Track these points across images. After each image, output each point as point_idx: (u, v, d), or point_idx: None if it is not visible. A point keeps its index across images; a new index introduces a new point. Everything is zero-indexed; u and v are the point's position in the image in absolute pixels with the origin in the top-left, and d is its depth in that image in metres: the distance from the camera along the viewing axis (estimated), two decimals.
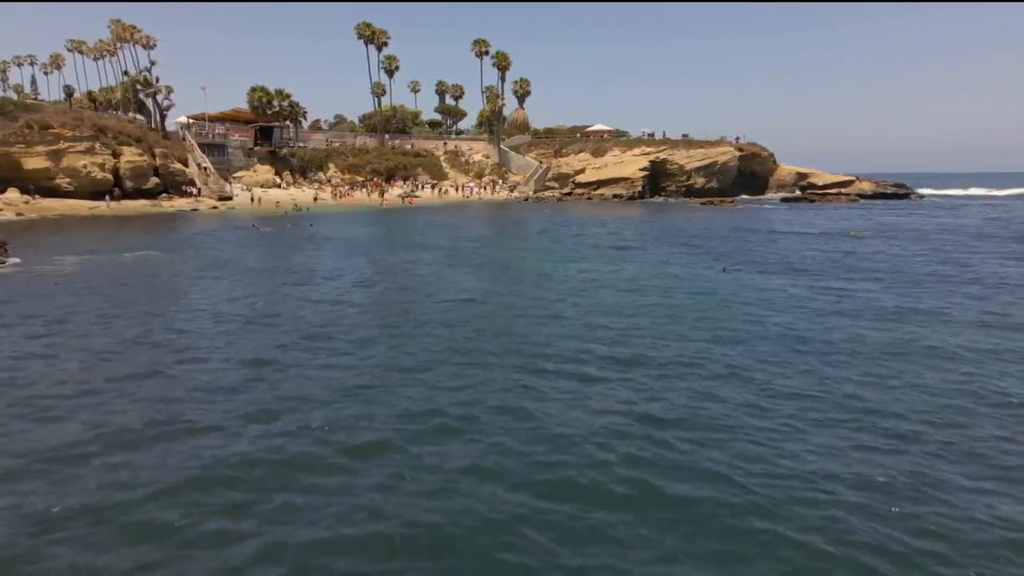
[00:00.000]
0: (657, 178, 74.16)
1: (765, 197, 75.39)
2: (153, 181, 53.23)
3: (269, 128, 67.00)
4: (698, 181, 74.05)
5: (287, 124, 69.75)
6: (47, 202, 46.29)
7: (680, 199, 71.47)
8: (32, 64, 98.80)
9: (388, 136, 79.34)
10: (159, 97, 65.08)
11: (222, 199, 55.31)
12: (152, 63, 65.76)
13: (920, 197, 77.81)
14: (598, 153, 77.44)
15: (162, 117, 64.90)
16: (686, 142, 77.94)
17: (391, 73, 79.90)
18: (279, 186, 62.82)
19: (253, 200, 55.74)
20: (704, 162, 74.84)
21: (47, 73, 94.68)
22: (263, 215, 46.79)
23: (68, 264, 23.10)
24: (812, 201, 69.65)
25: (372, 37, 76.45)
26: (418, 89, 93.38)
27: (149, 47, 65.09)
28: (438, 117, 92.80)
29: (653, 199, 71.57)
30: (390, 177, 71.24)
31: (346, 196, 64.20)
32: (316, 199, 59.92)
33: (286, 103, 68.05)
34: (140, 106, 69.88)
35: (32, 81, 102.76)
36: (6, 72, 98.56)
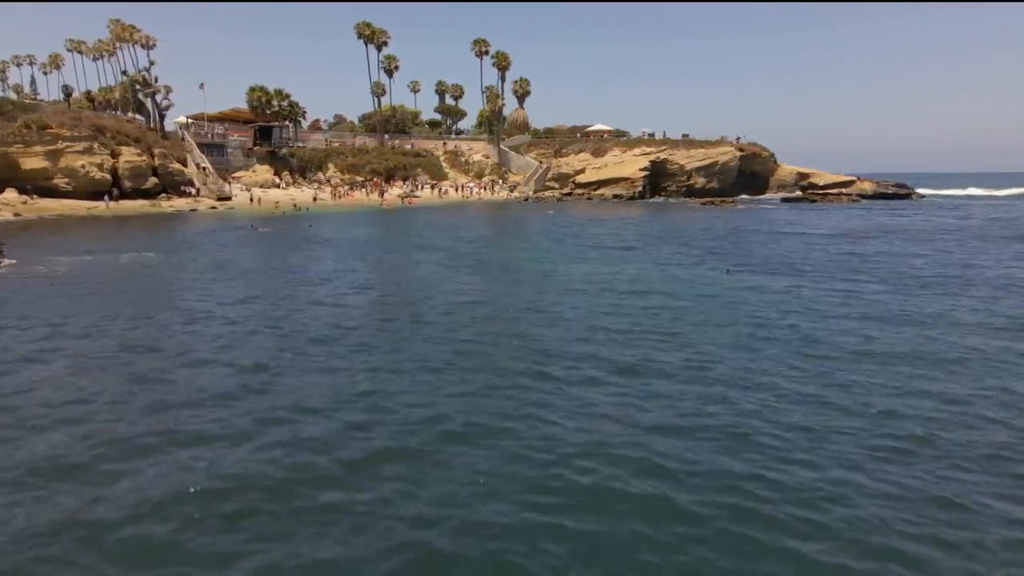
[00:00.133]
0: (657, 178, 73.94)
1: (766, 197, 75.17)
2: (152, 181, 52.98)
3: (268, 128, 66.73)
4: (699, 181, 73.82)
5: (286, 124, 69.46)
6: (45, 202, 46.00)
7: (680, 199, 71.25)
8: (32, 64, 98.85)
9: (388, 136, 79.12)
10: (158, 97, 64.89)
11: (221, 199, 55.00)
12: (151, 63, 65.66)
13: (921, 197, 77.70)
14: (598, 153, 77.20)
15: (161, 117, 64.65)
16: (686, 142, 77.71)
17: (391, 73, 79.72)
18: (278, 186, 62.54)
19: (252, 200, 55.44)
20: (705, 162, 74.62)
21: (46, 73, 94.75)
22: (262, 215, 46.52)
23: (63, 265, 22.82)
24: (813, 201, 69.45)
25: (372, 37, 76.26)
26: (418, 89, 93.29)
27: (148, 47, 64.91)
28: (438, 117, 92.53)
29: (653, 199, 71.33)
30: (390, 177, 71.00)
31: (345, 196, 63.94)
32: (315, 199, 59.63)
33: (285, 103, 67.74)
34: (139, 106, 69.59)
35: (32, 81, 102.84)
36: (5, 72, 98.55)
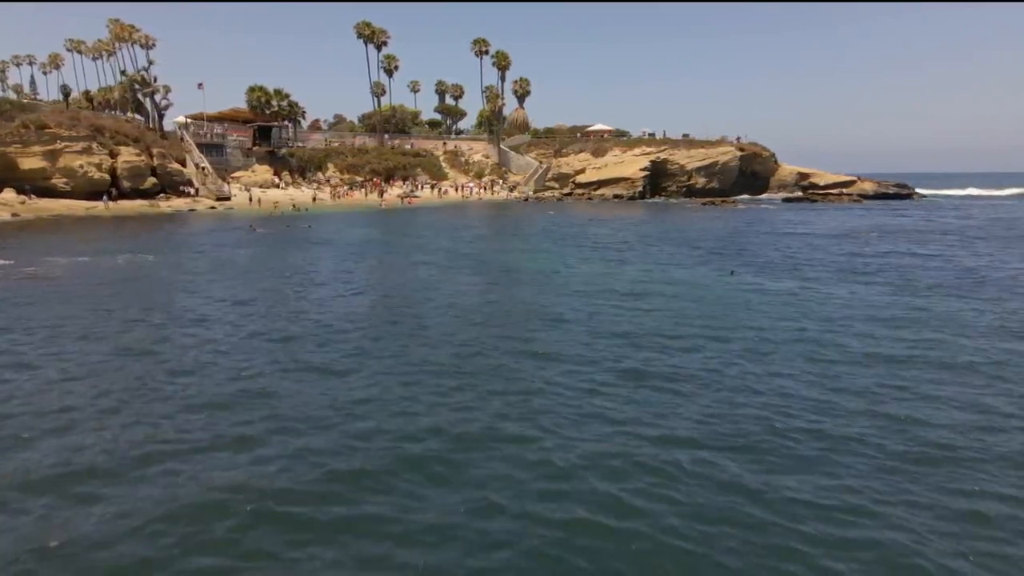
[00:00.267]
0: (658, 178, 73.76)
1: (766, 197, 74.99)
2: (150, 181, 52.73)
3: (268, 128, 66.50)
4: (699, 181, 73.63)
5: (286, 124, 69.27)
6: (43, 202, 45.73)
7: (681, 199, 71.07)
8: (31, 64, 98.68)
9: (387, 136, 78.92)
10: (157, 97, 64.65)
11: (220, 199, 54.77)
12: (150, 63, 65.46)
13: (921, 197, 77.56)
14: (598, 153, 77.00)
15: (160, 117, 64.44)
16: (687, 142, 77.50)
17: (391, 73, 79.55)
18: (278, 186, 62.30)
19: (251, 200, 55.21)
20: (705, 162, 74.43)
21: (46, 73, 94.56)
22: (261, 216, 46.29)
23: (59, 266, 22.60)
24: (814, 201, 69.30)
25: (372, 36, 76.09)
26: (418, 89, 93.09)
27: (148, 47, 64.72)
28: (438, 117, 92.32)
29: (654, 199, 71.15)
30: (389, 177, 70.79)
31: (345, 196, 63.73)
32: (315, 199, 59.42)
33: (285, 103, 67.58)
34: (138, 106, 69.33)
35: (31, 81, 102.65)
36: (5, 72, 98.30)
